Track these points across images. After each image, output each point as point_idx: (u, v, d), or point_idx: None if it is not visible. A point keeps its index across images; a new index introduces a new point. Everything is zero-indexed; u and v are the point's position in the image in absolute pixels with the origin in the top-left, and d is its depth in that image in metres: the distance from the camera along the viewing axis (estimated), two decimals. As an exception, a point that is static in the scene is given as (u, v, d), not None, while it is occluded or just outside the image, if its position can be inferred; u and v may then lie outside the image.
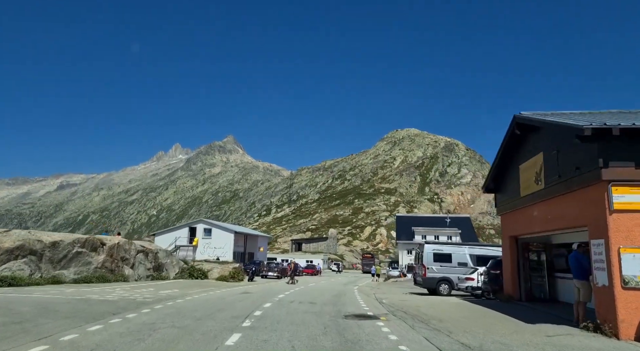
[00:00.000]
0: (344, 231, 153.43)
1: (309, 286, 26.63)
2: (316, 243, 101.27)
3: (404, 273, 41.80)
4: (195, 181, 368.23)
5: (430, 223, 70.97)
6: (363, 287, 28.09)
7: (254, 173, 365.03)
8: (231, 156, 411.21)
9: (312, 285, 28.80)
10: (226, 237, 44.08)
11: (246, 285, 26.18)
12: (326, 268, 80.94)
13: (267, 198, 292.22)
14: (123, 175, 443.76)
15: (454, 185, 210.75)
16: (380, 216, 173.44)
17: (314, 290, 23.99)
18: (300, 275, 47.88)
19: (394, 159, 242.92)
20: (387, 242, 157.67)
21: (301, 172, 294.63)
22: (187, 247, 44.58)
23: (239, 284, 26.27)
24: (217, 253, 43.81)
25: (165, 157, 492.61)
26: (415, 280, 23.32)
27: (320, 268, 55.61)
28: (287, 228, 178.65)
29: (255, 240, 52.05)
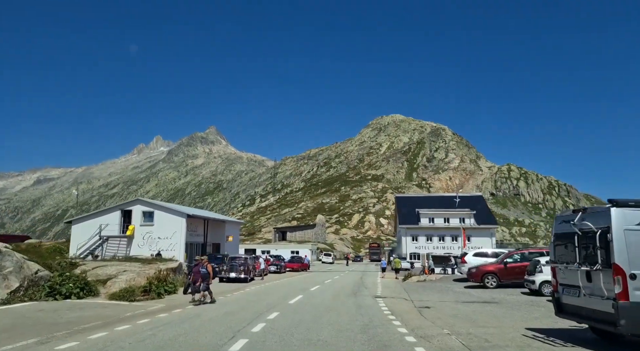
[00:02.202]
0: (331, 219, 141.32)
1: (270, 317, 13.01)
2: (302, 231, 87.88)
3: (429, 268, 28.64)
4: (178, 173, 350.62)
5: (437, 203, 58.26)
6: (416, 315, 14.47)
7: (238, 164, 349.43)
8: (214, 147, 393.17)
9: (283, 298, 15.36)
10: (175, 223, 30.20)
11: (159, 310, 12.63)
12: (315, 260, 67.54)
13: (252, 188, 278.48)
14: (103, 168, 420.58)
15: (442, 170, 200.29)
16: (368, 203, 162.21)
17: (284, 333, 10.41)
18: (282, 272, 34.18)
19: (379, 145, 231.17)
20: (376, 229, 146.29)
21: (285, 161, 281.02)
22: (118, 238, 30.47)
23: (144, 309, 12.70)
24: (163, 245, 29.90)
25: (146, 149, 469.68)
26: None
27: (308, 261, 42.11)
28: (272, 218, 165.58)
29: (221, 227, 38.23)
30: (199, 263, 13.68)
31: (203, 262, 13.63)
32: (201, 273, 13.30)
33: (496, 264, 18.37)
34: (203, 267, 13.39)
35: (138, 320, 10.10)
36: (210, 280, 13.52)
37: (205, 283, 13.25)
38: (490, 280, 18.07)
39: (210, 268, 13.62)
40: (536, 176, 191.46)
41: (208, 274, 13.37)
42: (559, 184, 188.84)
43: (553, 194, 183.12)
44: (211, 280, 13.60)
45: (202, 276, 13.27)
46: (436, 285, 20.96)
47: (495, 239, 53.69)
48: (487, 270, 18.19)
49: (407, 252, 53.86)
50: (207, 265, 13.58)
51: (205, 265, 13.52)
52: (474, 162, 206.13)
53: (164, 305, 13.13)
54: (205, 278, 13.25)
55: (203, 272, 13.31)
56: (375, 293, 18.05)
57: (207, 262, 13.80)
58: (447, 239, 54.07)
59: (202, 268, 13.37)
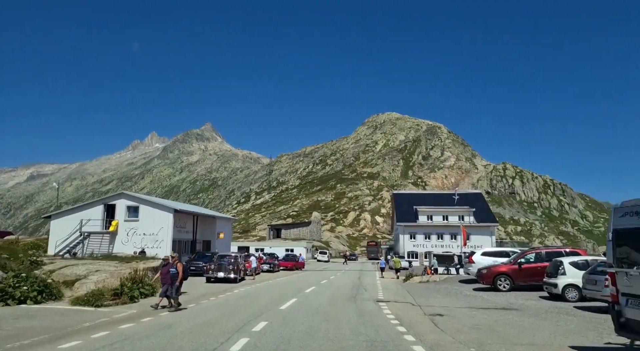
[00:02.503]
0: (326, 216, 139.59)
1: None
2: (297, 228, 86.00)
3: (432, 268, 26.85)
4: (173, 170, 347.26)
5: (436, 201, 56.58)
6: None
7: (233, 161, 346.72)
8: (209, 144, 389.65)
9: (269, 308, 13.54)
10: (161, 218, 28.23)
11: (125, 319, 10.84)
12: (310, 258, 65.79)
13: (247, 185, 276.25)
14: (97, 164, 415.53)
15: (438, 168, 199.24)
16: (364, 201, 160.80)
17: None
18: (275, 271, 32.34)
19: (375, 143, 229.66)
20: (372, 227, 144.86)
21: (281, 158, 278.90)
22: (100, 235, 28.45)
23: (108, 317, 10.93)
24: (148, 241, 27.94)
25: (141, 146, 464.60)
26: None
27: (303, 259, 40.29)
28: (267, 215, 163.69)
29: (211, 223, 36.26)
30: (168, 262, 11.71)
31: (173, 261, 11.61)
32: (170, 274, 11.30)
33: (509, 265, 16.65)
34: (173, 267, 11.44)
35: (94, 332, 8.22)
36: (179, 282, 11.43)
37: (173, 286, 11.26)
38: (502, 283, 16.35)
39: (181, 268, 11.60)
40: (531, 175, 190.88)
41: (177, 275, 11.35)
42: (554, 183, 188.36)
43: (548, 193, 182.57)
44: (179, 282, 11.43)
45: (171, 277, 11.28)
46: (442, 287, 19.21)
47: (494, 238, 52.17)
48: (500, 271, 16.47)
49: (405, 251, 52.20)
50: (178, 264, 11.57)
51: (176, 264, 11.53)
52: (470, 160, 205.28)
53: (135, 311, 11.25)
54: (174, 279, 11.26)
55: (173, 273, 11.32)
56: (377, 296, 16.27)
57: (177, 260, 11.76)
58: (446, 237, 52.48)
59: (173, 268, 11.41)
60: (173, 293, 11.28)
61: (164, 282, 11.40)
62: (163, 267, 11.73)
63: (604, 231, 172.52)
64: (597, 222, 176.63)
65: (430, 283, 21.42)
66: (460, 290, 17.70)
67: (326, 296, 16.01)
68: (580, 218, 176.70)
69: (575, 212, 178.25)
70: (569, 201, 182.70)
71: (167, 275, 11.35)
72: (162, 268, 11.78)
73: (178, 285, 11.41)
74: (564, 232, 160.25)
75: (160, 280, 11.60)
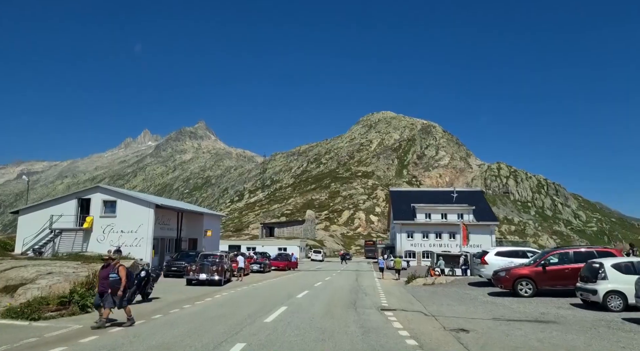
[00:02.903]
0: (320, 215, 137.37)
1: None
2: (291, 227, 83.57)
3: (438, 269, 24.60)
4: (165, 168, 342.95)
5: (434, 198, 54.49)
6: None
7: (227, 160, 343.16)
8: (203, 142, 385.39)
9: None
10: (141, 214, 25.68)
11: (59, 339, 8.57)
12: (304, 257, 63.44)
13: (240, 184, 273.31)
14: (89, 162, 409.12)
15: (432, 168, 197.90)
16: (358, 199, 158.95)
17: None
18: (266, 272, 29.91)
19: (370, 142, 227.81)
20: (366, 226, 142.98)
21: (275, 157, 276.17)
22: (73, 232, 25.83)
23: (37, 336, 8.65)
24: (126, 239, 25.40)
25: (134, 144, 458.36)
26: None
27: (296, 259, 37.91)
28: (261, 214, 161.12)
29: (198, 221, 33.74)
30: (109, 264, 9.10)
31: (114, 263, 9.06)
32: (109, 281, 8.75)
33: (531, 266, 14.42)
34: (113, 272, 8.89)
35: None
36: (122, 291, 8.84)
37: (114, 296, 8.71)
38: (524, 287, 14.13)
39: (124, 273, 9.01)
40: (525, 175, 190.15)
41: (119, 281, 8.80)
42: (547, 183, 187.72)
43: (542, 193, 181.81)
44: (122, 290, 8.82)
45: (110, 284, 8.74)
46: (451, 291, 16.96)
47: (494, 237, 50.18)
48: (521, 274, 14.24)
49: (402, 250, 50.03)
50: (120, 267, 9.00)
51: (117, 267, 8.97)
52: (464, 159, 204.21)
53: (79, 326, 8.81)
54: (115, 287, 8.72)
55: (113, 279, 8.77)
56: (380, 302, 13.97)
57: (119, 263, 9.19)
58: (445, 236, 50.38)
59: (113, 273, 8.87)
60: (113, 303, 8.69)
61: (101, 290, 8.89)
62: (101, 270, 9.21)
63: (596, 231, 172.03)
64: (589, 222, 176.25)
65: (436, 287, 19.16)
66: (474, 295, 15.45)
67: (321, 302, 13.67)
68: (574, 217, 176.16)
69: (568, 212, 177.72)
70: (563, 201, 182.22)
71: (105, 281, 8.80)
72: (100, 271, 9.25)
73: (121, 295, 8.80)
74: (557, 231, 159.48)
75: (98, 286, 9.08)
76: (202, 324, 9.24)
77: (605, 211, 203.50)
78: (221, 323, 9.32)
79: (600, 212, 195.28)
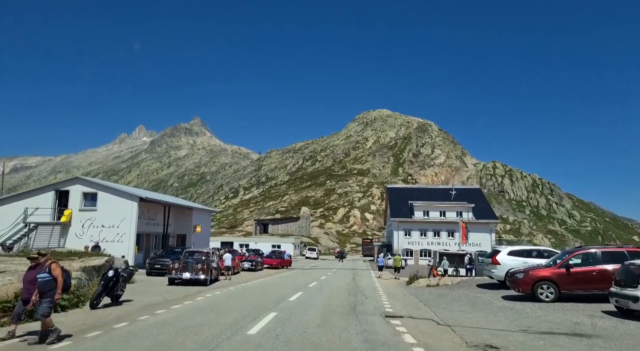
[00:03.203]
0: (315, 213, 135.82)
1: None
2: (285, 224, 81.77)
3: (441, 269, 22.97)
4: (160, 164, 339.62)
5: (432, 196, 52.92)
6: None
7: (222, 156, 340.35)
8: (198, 138, 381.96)
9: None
10: (123, 208, 23.80)
11: None
12: (298, 255, 61.73)
13: (235, 181, 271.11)
14: (83, 157, 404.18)
15: (428, 166, 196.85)
16: (354, 197, 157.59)
17: None
18: (258, 270, 28.15)
19: (366, 140, 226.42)
20: (361, 224, 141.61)
21: (270, 154, 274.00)
22: (50, 226, 23.87)
23: None
24: (108, 234, 23.51)
25: (129, 139, 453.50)
26: None
27: (289, 256, 36.16)
28: (255, 211, 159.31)
29: (187, 216, 31.87)
30: (38, 263, 7.09)
31: (43, 262, 7.06)
32: (38, 282, 6.82)
33: (553, 268, 12.76)
34: (43, 271, 6.93)
35: None
36: (59, 295, 6.94)
37: (44, 301, 6.76)
38: (545, 291, 12.47)
39: (60, 272, 6.98)
40: (521, 174, 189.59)
41: (52, 281, 6.86)
42: (542, 182, 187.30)
43: (537, 192, 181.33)
44: (59, 293, 6.91)
45: (39, 287, 6.81)
46: (460, 294, 15.29)
47: (494, 235, 48.75)
48: (542, 277, 12.58)
49: (399, 248, 48.44)
50: (53, 265, 6.98)
51: (48, 266, 6.97)
52: (460, 158, 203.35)
53: (12, 342, 7.01)
54: (45, 291, 6.80)
55: (43, 280, 6.81)
56: (383, 307, 12.28)
57: (50, 259, 7.18)
58: (443, 234, 48.86)
59: (42, 272, 6.90)
60: (39, 312, 6.74)
61: (25, 297, 7.00)
62: (27, 272, 7.34)
63: (590, 230, 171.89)
64: (583, 221, 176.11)
65: (442, 288, 17.51)
66: (487, 299, 13.79)
67: (316, 307, 11.94)
68: (568, 217, 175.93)
69: (563, 211, 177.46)
70: (557, 200, 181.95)
71: (31, 285, 6.93)
72: (25, 274, 7.37)
73: (51, 299, 6.84)
74: (551, 230, 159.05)
75: (22, 291, 7.20)
76: (170, 338, 7.46)
77: (599, 211, 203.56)
78: (194, 336, 7.55)
79: (594, 212, 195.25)
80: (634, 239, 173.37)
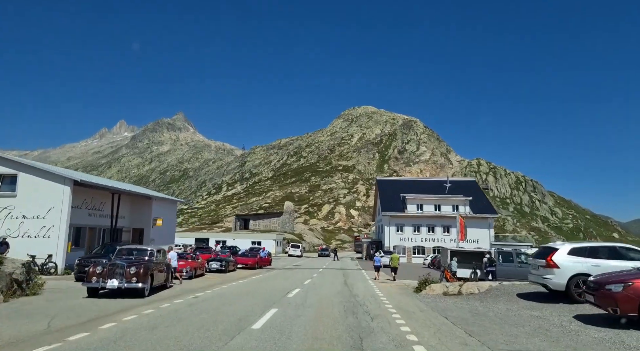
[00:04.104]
0: (300, 209, 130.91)
1: None
2: (268, 219, 76.40)
3: (450, 270, 18.11)
4: (142, 159, 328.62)
5: (425, 189, 48.39)
6: None
7: (206, 152, 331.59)
8: (181, 134, 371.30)
9: None
10: (53, 194, 18.28)
11: None
12: (280, 253, 56.52)
13: (219, 177, 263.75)
14: (61, 152, 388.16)
15: (413, 163, 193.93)
16: (339, 194, 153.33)
17: None
18: (229, 271, 22.88)
19: (351, 136, 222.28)
20: (346, 220, 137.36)
21: (255, 150, 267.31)
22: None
23: None
24: (30, 227, 17.94)
25: (109, 134, 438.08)
26: None
27: (268, 254, 30.96)
28: (238, 207, 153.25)
29: (145, 206, 26.32)
30: None
31: None
32: None
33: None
34: None
35: None
36: None
37: None
38: (661, 313, 7.68)
39: None
40: (504, 171, 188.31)
41: None
42: (525, 180, 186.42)
43: (520, 189, 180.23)
44: None
45: None
46: (508, 312, 10.47)
47: (492, 231, 44.57)
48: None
49: (391, 245, 43.79)
50: None
51: None
52: (445, 155, 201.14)
53: None
54: None
55: None
56: (405, 340, 7.31)
57: None
58: (438, 230, 44.42)
59: None
60: None
61: None
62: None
63: (572, 227, 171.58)
64: (565, 219, 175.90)
65: (468, 299, 12.66)
66: (556, 321, 8.98)
67: (298, 334, 6.92)
68: (550, 214, 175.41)
69: (545, 209, 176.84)
70: (540, 197, 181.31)
71: None
72: None
73: None
74: (535, 227, 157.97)
75: None
76: None
77: (579, 208, 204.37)
78: None
79: (575, 209, 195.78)
80: (614, 236, 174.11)
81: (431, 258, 37.23)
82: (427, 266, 37.06)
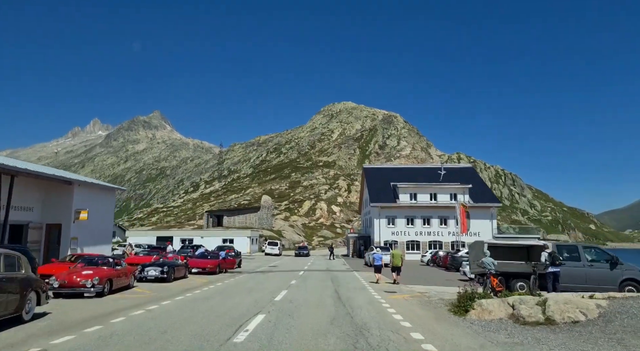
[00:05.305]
0: (280, 205, 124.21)
1: None
2: (244, 215, 69.27)
3: (495, 275, 11.28)
4: (117, 158, 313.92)
5: (417, 177, 42.45)
6: None
7: (183, 150, 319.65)
8: (157, 132, 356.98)
9: None
10: None
11: None
12: (256, 251, 49.64)
13: (197, 175, 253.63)
14: (31, 152, 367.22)
15: (394, 158, 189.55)
16: (320, 190, 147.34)
17: None
18: (173, 279, 15.91)
19: (331, 132, 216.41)
20: (328, 216, 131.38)
21: (233, 147, 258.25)
22: None
23: None
24: None
25: (82, 133, 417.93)
26: None
27: (232, 256, 24.09)
28: (216, 205, 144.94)
29: (64, 194, 19.12)
30: None
31: None
32: None
33: None
34: None
35: None
36: None
37: None
38: None
39: None
40: (484, 165, 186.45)
41: None
42: (505, 173, 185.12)
43: (500, 183, 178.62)
44: None
45: None
46: None
47: (495, 222, 39.07)
48: None
49: (381, 240, 37.66)
50: None
51: None
52: (425, 150, 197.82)
53: None
54: None
55: None
56: None
57: None
58: (434, 222, 38.60)
59: None
60: None
61: None
62: None
63: (551, 220, 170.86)
64: (544, 211, 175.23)
65: (576, 333, 6.35)
66: None
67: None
68: (529, 207, 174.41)
69: (524, 202, 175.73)
70: (519, 191, 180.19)
71: None
72: None
73: None
74: (515, 220, 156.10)
75: None
76: None
77: (556, 201, 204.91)
78: None
79: (553, 202, 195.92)
80: (591, 228, 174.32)
81: (431, 254, 31.34)
82: (426, 264, 31.13)
